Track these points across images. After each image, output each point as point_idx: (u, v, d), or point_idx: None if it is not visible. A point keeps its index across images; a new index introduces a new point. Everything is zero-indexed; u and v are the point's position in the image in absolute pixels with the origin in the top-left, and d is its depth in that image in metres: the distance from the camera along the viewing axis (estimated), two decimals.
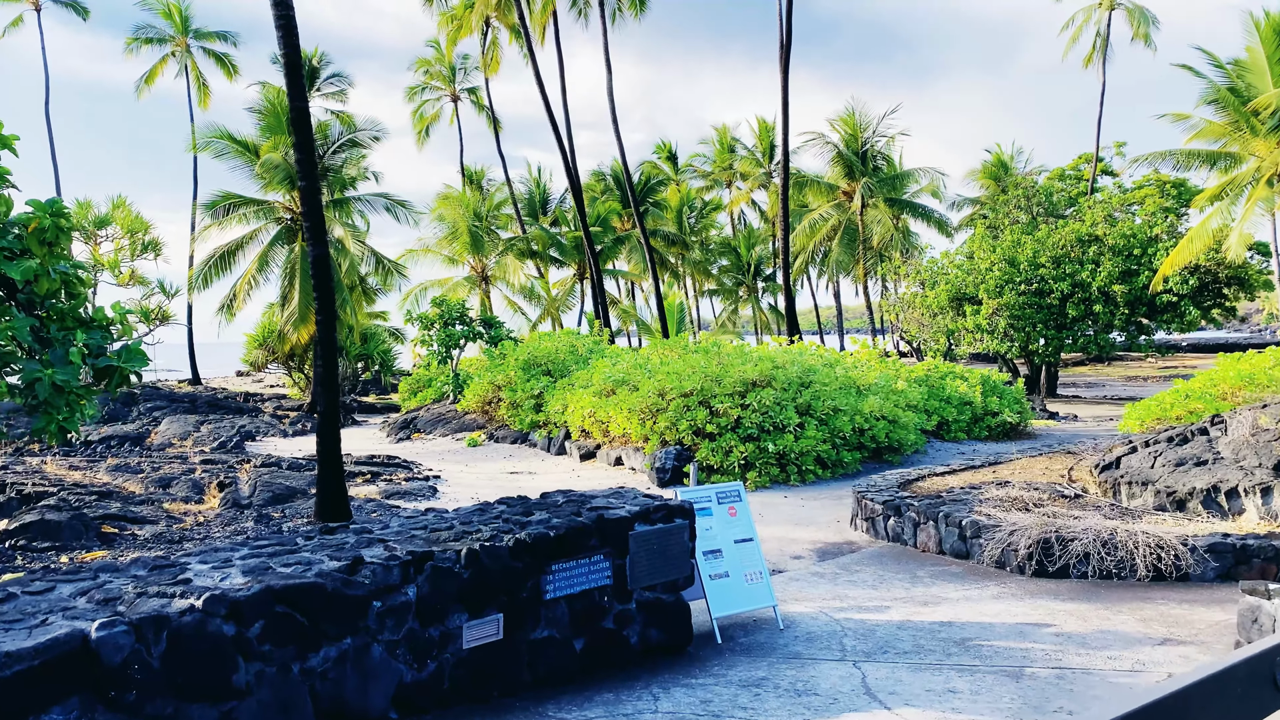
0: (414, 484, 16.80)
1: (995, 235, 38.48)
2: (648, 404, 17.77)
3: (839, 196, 50.10)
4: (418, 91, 59.49)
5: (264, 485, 14.75)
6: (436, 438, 25.96)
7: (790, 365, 18.06)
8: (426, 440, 25.69)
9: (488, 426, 25.47)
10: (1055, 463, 14.95)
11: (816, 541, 12.23)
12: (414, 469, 19.27)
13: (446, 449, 23.85)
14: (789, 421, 16.74)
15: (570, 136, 36.73)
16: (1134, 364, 60.16)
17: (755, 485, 16.38)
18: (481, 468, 20.42)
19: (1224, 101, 33.32)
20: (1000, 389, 25.23)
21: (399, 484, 16.84)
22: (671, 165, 63.35)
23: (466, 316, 28.19)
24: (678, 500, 7.74)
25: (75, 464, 19.09)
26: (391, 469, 18.65)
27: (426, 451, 23.55)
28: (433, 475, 18.51)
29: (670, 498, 7.93)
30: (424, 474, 18.24)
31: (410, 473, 18.40)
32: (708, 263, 62.01)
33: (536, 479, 18.52)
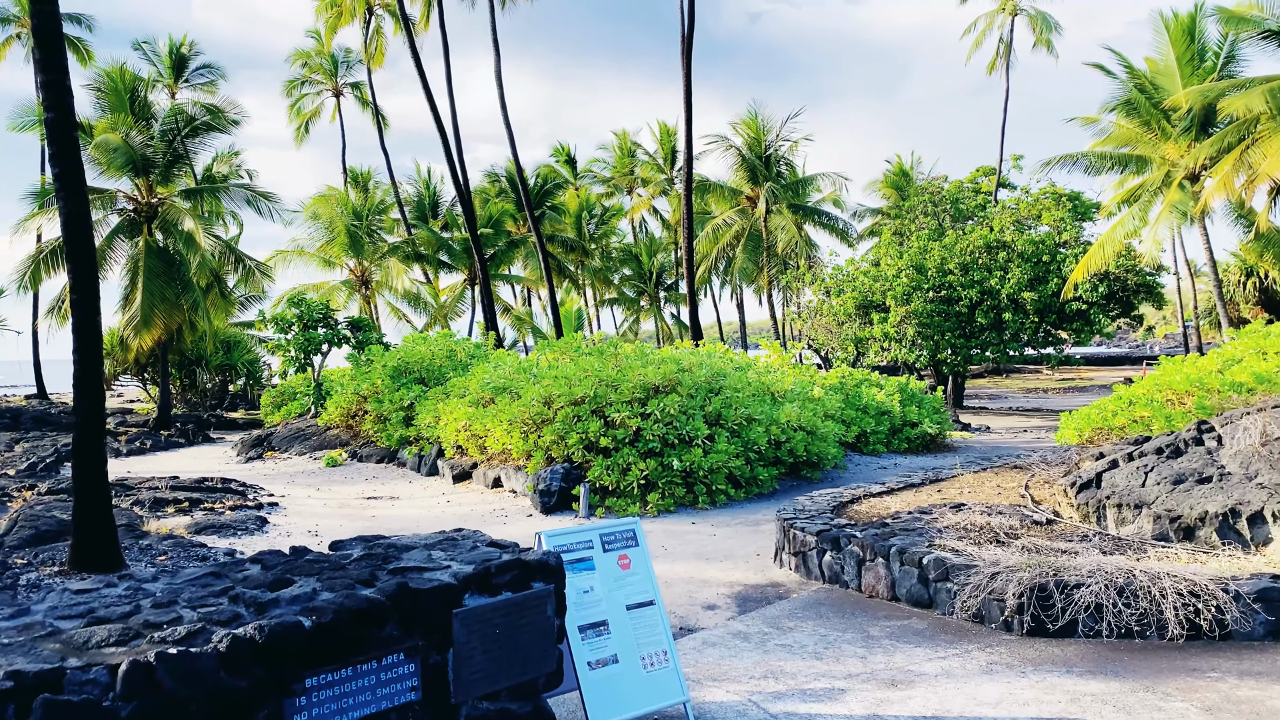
0: (240, 514, 13.66)
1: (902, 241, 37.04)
2: (531, 414, 15.02)
3: (742, 202, 48.25)
4: (296, 85, 55.53)
5: (30, 520, 11.45)
6: (292, 457, 22.64)
7: (697, 368, 15.56)
8: (280, 460, 22.35)
9: (352, 444, 22.28)
10: (1005, 479, 12.77)
11: (735, 584, 9.67)
12: (249, 495, 16.06)
13: (300, 470, 20.60)
14: (697, 433, 14.22)
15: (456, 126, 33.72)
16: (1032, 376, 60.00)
17: (657, 509, 13.78)
18: (335, 492, 17.32)
19: (1135, 103, 32.46)
20: (919, 398, 23.32)
21: (220, 514, 13.68)
22: (570, 169, 60.70)
23: (330, 318, 24.93)
24: (539, 552, 5.04)
25: None
26: (220, 495, 15.44)
27: (276, 473, 20.26)
28: (269, 503, 15.35)
29: (531, 548, 5.24)
30: (258, 501, 15.08)
31: (242, 500, 15.22)
32: (609, 271, 59.50)
33: (397, 505, 15.55)
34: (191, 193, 30.78)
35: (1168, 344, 75.66)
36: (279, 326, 24.58)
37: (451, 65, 34.62)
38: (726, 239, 48.00)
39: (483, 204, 50.15)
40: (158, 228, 28.98)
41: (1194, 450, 9.68)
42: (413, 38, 31.87)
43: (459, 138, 32.28)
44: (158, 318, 27.93)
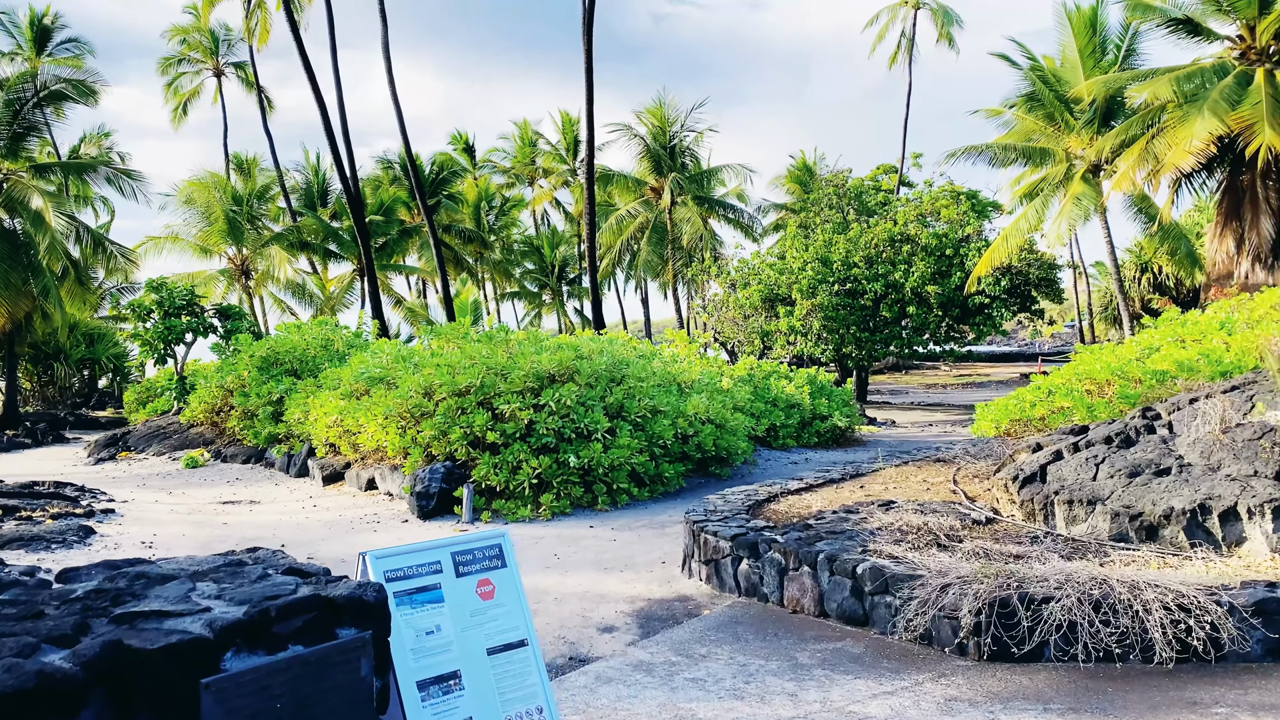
0: (61, 524, 11.66)
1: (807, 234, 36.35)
2: (409, 406, 13.37)
3: (647, 193, 47.03)
4: (172, 64, 52.10)
5: None
6: (149, 458, 20.38)
7: (597, 356, 14.14)
8: (135, 461, 20.08)
9: (217, 443, 20.16)
10: (930, 474, 11.70)
11: (637, 599, 8.27)
12: (82, 501, 13.98)
13: (155, 472, 18.43)
14: (597, 426, 12.79)
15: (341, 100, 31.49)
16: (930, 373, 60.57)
17: (552, 512, 12.30)
18: (189, 496, 15.33)
19: (1038, 95, 32.35)
20: (829, 390, 22.38)
21: (37, 524, 11.65)
22: (468, 157, 58.55)
23: (195, 305, 22.63)
24: (352, 584, 3.52)
25: None
26: (46, 502, 13.34)
27: (126, 476, 18.07)
28: (104, 510, 13.33)
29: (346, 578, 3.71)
30: (90, 509, 13.05)
31: (71, 507, 13.16)
32: (509, 264, 57.60)
33: (255, 511, 13.70)
34: (43, 168, 27.91)
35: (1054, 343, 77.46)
36: (136, 314, 22.19)
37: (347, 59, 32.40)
38: (630, 231, 46.71)
39: (374, 191, 47.78)
40: (1, 205, 26.12)
41: (1147, 439, 8.69)
42: (290, 4, 29.58)
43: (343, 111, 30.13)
44: (1, 305, 25.14)
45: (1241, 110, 22.33)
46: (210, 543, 11.31)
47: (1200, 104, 22.91)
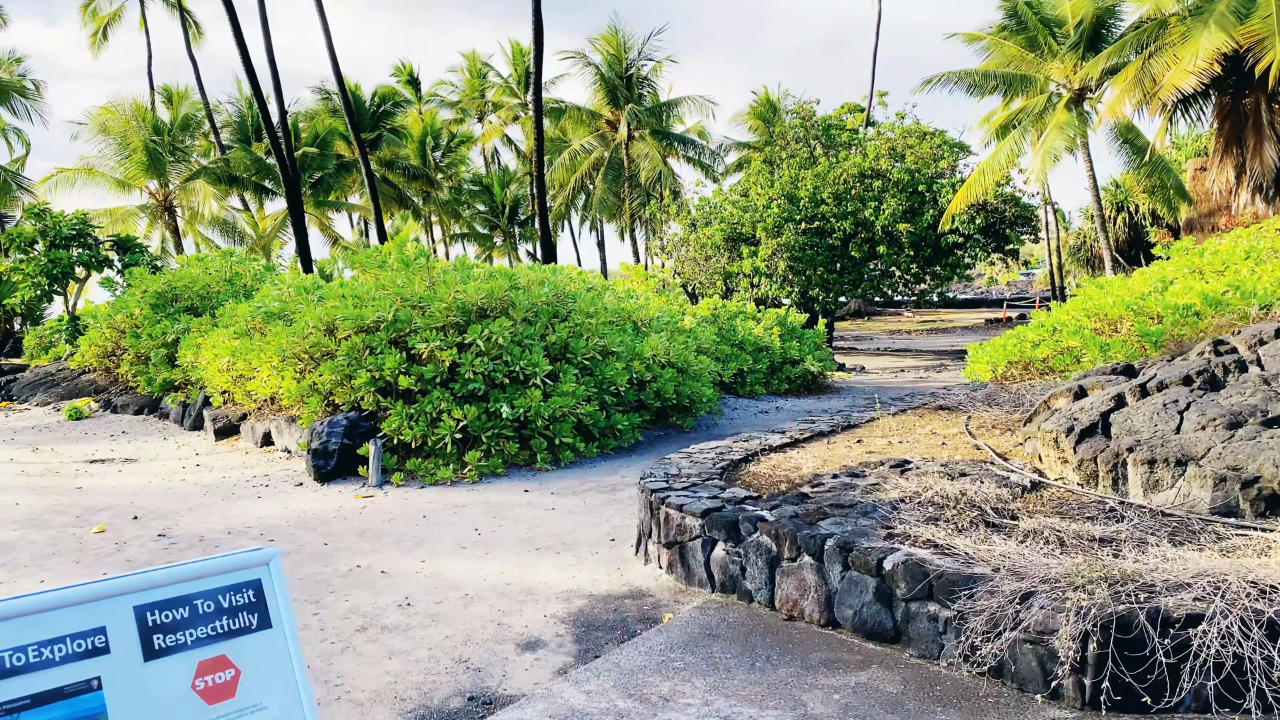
0: None
1: (773, 170, 34.12)
2: (307, 345, 11.04)
3: (602, 126, 44.34)
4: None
5: None
6: (31, 408, 17.84)
7: (537, 287, 11.87)
8: (14, 412, 17.52)
9: (109, 390, 17.66)
10: (936, 424, 9.68)
11: (576, 594, 6.15)
12: None
13: (31, 425, 15.93)
14: (535, 369, 10.59)
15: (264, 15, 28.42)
16: (893, 319, 59.14)
17: (480, 472, 10.12)
18: (56, 454, 12.92)
19: (1021, 16, 30.21)
20: (800, 333, 20.39)
21: None
22: (413, 90, 55.18)
23: (88, 235, 19.88)
24: None
25: None
26: None
27: (3, 428, 15.58)
28: None
29: None
30: None
31: None
32: (458, 204, 54.62)
33: (126, 473, 11.36)
34: None
35: (1010, 290, 76.35)
36: (16, 245, 19.42)
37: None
38: (585, 167, 44.07)
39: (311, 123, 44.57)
40: None
41: (1239, 379, 6.69)
42: None
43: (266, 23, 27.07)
44: None
45: (1251, 24, 20.36)
46: (45, 513, 9.00)
47: (1205, 18, 20.91)
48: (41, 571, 6.93)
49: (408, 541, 7.69)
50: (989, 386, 14.05)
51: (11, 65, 47.97)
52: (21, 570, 6.97)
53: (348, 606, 6.04)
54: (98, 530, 8.27)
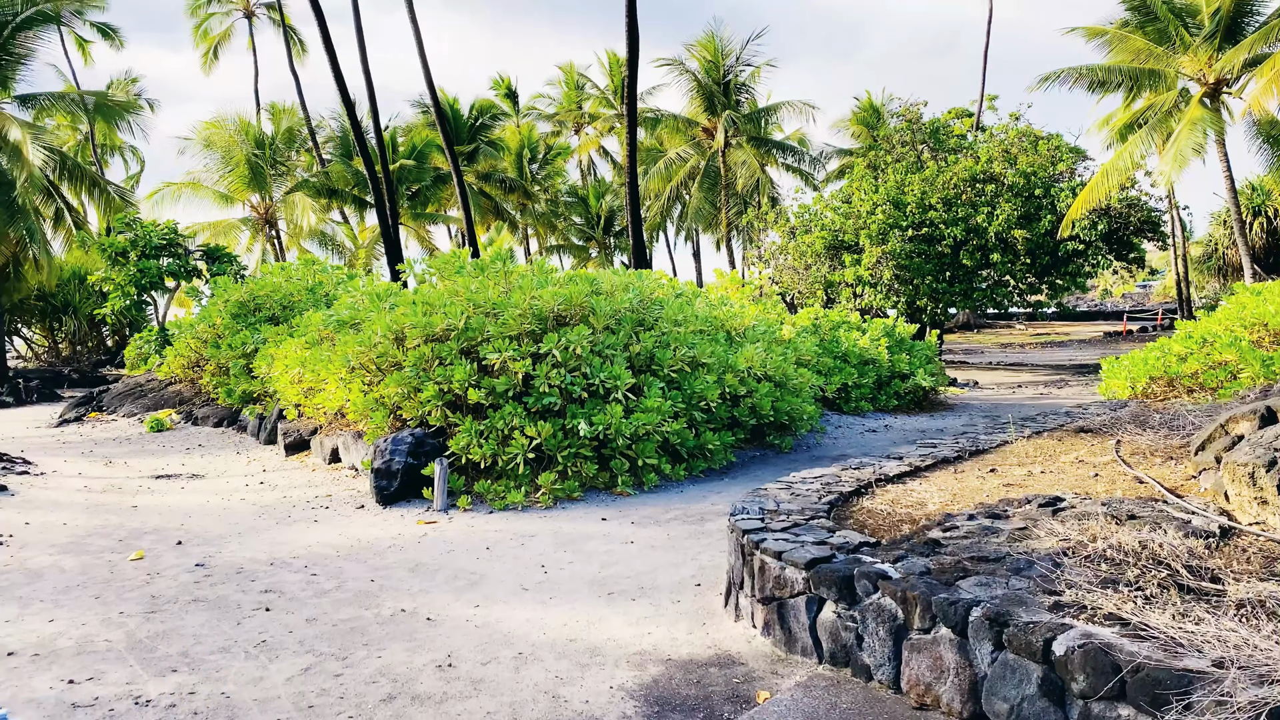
0: None
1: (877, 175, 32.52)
2: (374, 355, 10.25)
3: (698, 134, 43.31)
4: (202, 4, 49.36)
5: None
6: (118, 419, 17.67)
7: (620, 291, 10.86)
8: (102, 423, 17.37)
9: (193, 401, 17.36)
10: (1080, 449, 8.27)
11: (650, 657, 5.06)
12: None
13: (113, 436, 15.67)
14: (617, 382, 9.56)
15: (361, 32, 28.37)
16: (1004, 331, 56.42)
17: (555, 496, 9.12)
18: (126, 468, 12.47)
19: (1150, 6, 28.02)
20: (910, 345, 18.92)
21: None
22: (511, 103, 55.15)
23: (177, 245, 19.75)
24: None
25: None
26: None
27: (79, 441, 15.34)
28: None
29: None
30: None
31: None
32: (554, 216, 54.30)
33: (189, 490, 10.74)
34: (29, 99, 25.24)
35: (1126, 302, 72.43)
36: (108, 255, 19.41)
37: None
38: (680, 176, 43.08)
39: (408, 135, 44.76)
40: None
41: None
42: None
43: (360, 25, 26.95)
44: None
45: None
46: (89, 535, 8.35)
47: None
48: (56, 608, 6.17)
49: (463, 580, 6.71)
50: (1130, 405, 12.46)
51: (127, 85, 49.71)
52: (35, 606, 6.23)
53: (378, 666, 5.06)
54: (135, 557, 7.54)
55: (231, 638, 5.54)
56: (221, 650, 5.33)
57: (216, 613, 6.03)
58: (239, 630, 5.68)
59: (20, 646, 5.40)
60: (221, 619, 5.89)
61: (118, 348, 35.80)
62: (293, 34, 46.18)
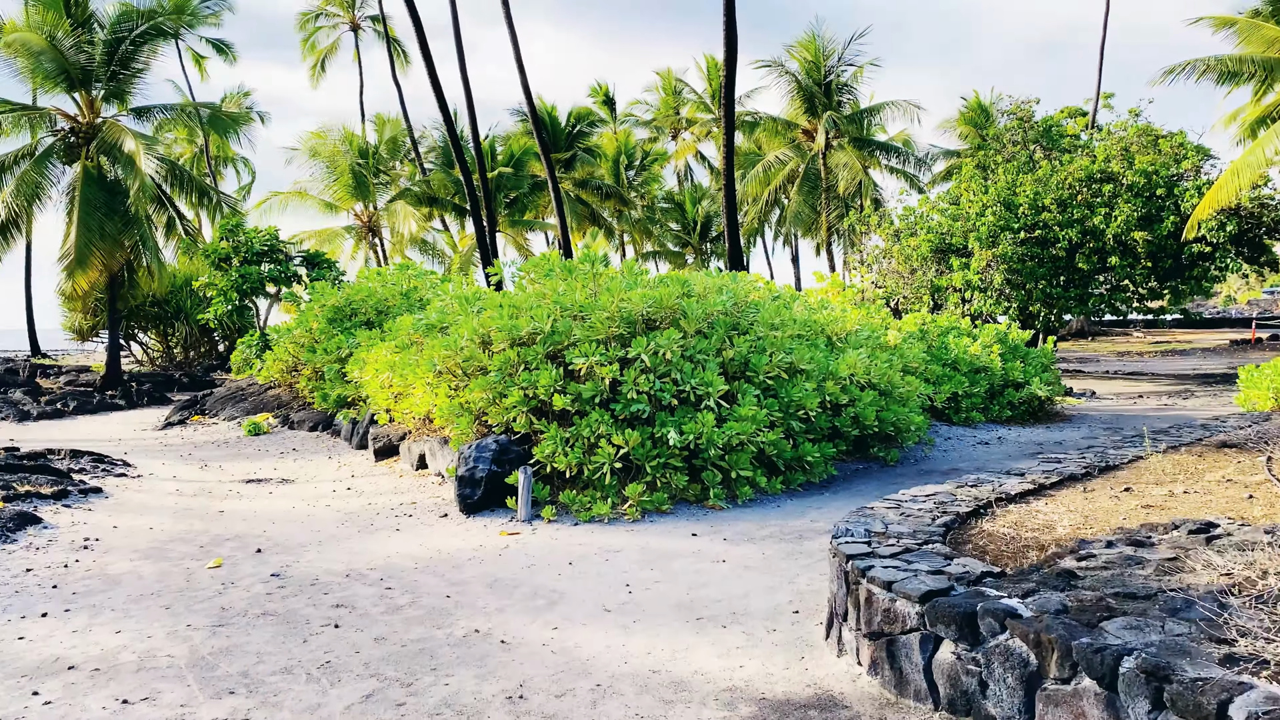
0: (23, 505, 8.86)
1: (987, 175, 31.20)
2: (460, 359, 9.97)
3: (798, 136, 42.46)
4: (310, 19, 50.85)
5: None
6: (219, 422, 17.95)
7: (713, 294, 10.34)
8: (204, 426, 17.66)
9: (291, 405, 17.52)
10: (1223, 466, 7.40)
11: (742, 694, 4.53)
12: (78, 476, 11.30)
13: (213, 439, 15.88)
14: (709, 389, 9.06)
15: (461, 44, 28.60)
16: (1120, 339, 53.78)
17: (643, 508, 8.65)
18: (221, 471, 12.52)
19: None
20: (1024, 352, 17.89)
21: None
22: (608, 110, 55.21)
23: (278, 251, 20.05)
24: None
25: None
26: (25, 476, 10.66)
27: (180, 444, 15.58)
28: (89, 490, 10.53)
29: None
30: (63, 489, 10.25)
31: (55, 484, 10.43)
32: (650, 222, 54.09)
33: (277, 495, 10.65)
34: (141, 112, 26.11)
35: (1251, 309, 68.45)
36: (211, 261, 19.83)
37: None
38: (779, 179, 42.27)
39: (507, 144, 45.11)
40: (97, 150, 24.40)
41: None
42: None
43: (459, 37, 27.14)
44: (95, 257, 23.44)
45: None
46: (172, 541, 8.24)
47: None
48: (125, 619, 5.97)
49: (542, 599, 6.29)
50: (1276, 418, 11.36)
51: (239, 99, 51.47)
52: (106, 615, 6.05)
53: (444, 695, 4.66)
54: (213, 565, 7.36)
55: (295, 657, 5.22)
56: (283, 671, 5.01)
57: (284, 628, 5.74)
58: (304, 649, 5.36)
59: (82, 660, 5.19)
60: (288, 635, 5.59)
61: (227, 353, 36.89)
62: (396, 46, 47.10)
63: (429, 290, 16.71)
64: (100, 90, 24.97)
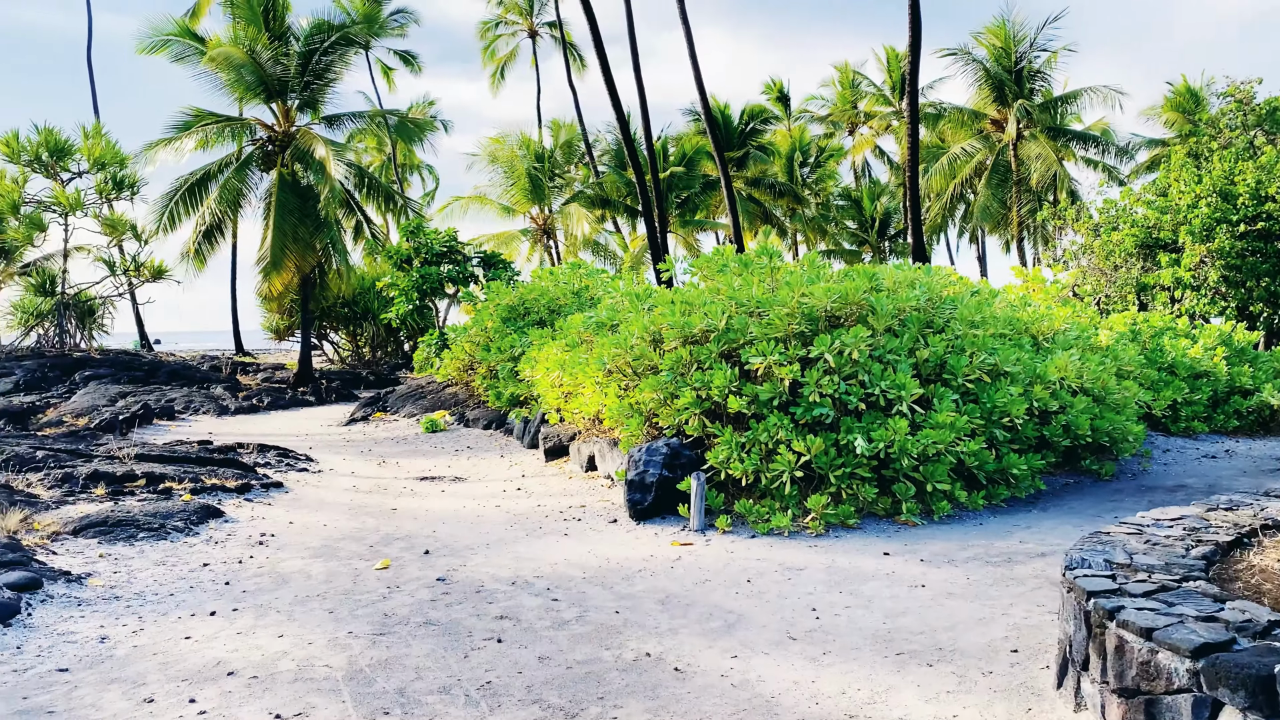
0: (189, 503, 9.07)
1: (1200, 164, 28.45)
2: (630, 358, 9.54)
3: (986, 126, 40.20)
4: (490, 28, 52.26)
5: None
6: (399, 419, 18.34)
7: (904, 289, 9.49)
8: (384, 423, 18.08)
9: (466, 404, 17.68)
10: None
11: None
12: (261, 470, 11.59)
13: (392, 436, 16.17)
14: (901, 393, 8.25)
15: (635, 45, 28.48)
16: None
17: (826, 522, 7.94)
18: (396, 468, 12.61)
19: None
20: (1251, 355, 15.99)
21: (158, 502, 9.14)
22: (782, 106, 54.12)
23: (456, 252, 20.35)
24: None
25: None
26: (212, 469, 10.99)
27: (361, 439, 15.94)
28: (272, 483, 10.72)
29: None
30: (246, 483, 10.46)
31: (240, 477, 10.70)
32: (825, 220, 52.66)
33: (449, 494, 10.54)
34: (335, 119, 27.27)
35: None
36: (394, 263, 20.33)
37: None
38: (965, 172, 40.12)
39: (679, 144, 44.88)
40: (292, 157, 25.64)
41: None
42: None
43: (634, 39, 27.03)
44: (289, 259, 24.61)
45: None
46: (344, 539, 8.16)
47: None
48: (289, 621, 5.79)
49: (719, 620, 5.71)
50: None
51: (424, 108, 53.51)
52: (271, 617, 5.89)
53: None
54: (380, 567, 7.17)
55: (455, 674, 4.85)
56: (441, 690, 4.64)
57: (446, 640, 5.40)
58: (465, 665, 4.98)
59: (242, 666, 4.99)
60: (449, 649, 5.24)
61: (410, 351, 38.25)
62: (572, 50, 47.72)
63: (600, 289, 16.47)
64: (295, 100, 26.22)
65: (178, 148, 25.19)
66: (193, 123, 26.34)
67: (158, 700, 4.52)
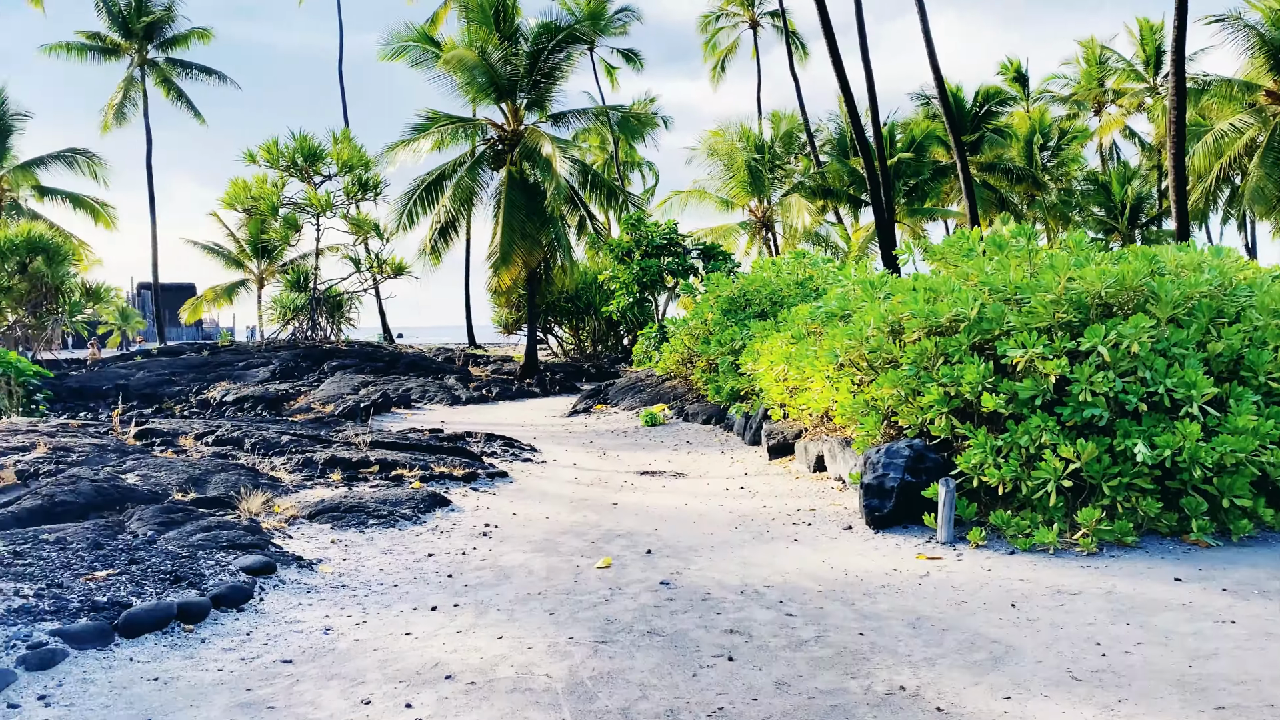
0: (419, 491, 9.17)
1: None
2: (865, 350, 8.78)
3: (1259, 100, 35.88)
4: (711, 20, 52.13)
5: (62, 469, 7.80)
6: (619, 412, 18.29)
7: (1192, 272, 8.21)
8: (604, 415, 18.10)
9: (685, 398, 17.37)
10: None
11: None
12: (488, 459, 11.69)
13: (612, 428, 16.10)
14: (1190, 392, 7.08)
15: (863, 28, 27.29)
16: None
17: (1100, 539, 6.91)
18: (616, 461, 12.44)
19: None
20: None
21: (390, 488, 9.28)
22: (1020, 87, 50.76)
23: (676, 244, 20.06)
24: None
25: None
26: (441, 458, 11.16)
27: (583, 431, 15.98)
28: (497, 473, 10.74)
29: None
30: (472, 472, 10.51)
31: (468, 466, 10.81)
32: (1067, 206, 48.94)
33: (670, 490, 10.18)
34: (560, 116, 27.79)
35: None
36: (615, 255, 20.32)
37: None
38: (1234, 151, 36.00)
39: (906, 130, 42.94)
40: (520, 156, 26.32)
41: None
42: None
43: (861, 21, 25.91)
44: (516, 254, 25.29)
45: None
46: (564, 533, 7.94)
47: None
48: (509, 621, 5.53)
49: (983, 651, 4.95)
50: None
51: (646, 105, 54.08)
52: (491, 615, 5.66)
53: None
54: (601, 565, 6.85)
55: (683, 696, 4.38)
56: (668, 715, 4.18)
57: (671, 653, 4.95)
58: (693, 685, 4.51)
59: (460, 669, 4.74)
60: (675, 665, 4.78)
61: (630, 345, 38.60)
62: (794, 39, 46.75)
63: (825, 279, 15.69)
64: (524, 99, 26.91)
65: (415, 149, 26.43)
66: (429, 124, 27.58)
67: (374, 702, 4.32)
